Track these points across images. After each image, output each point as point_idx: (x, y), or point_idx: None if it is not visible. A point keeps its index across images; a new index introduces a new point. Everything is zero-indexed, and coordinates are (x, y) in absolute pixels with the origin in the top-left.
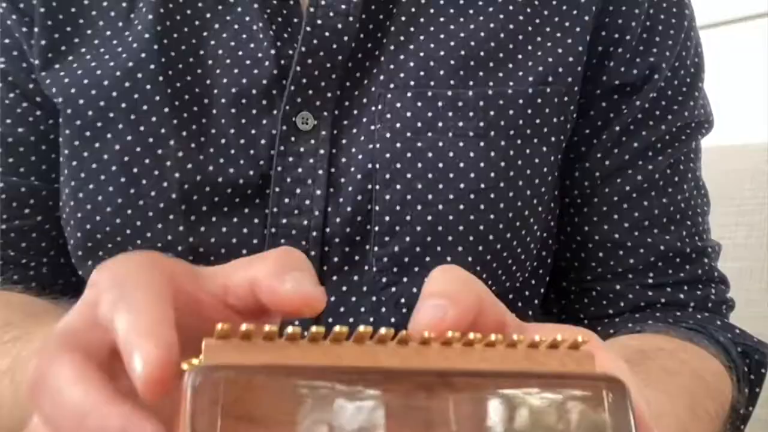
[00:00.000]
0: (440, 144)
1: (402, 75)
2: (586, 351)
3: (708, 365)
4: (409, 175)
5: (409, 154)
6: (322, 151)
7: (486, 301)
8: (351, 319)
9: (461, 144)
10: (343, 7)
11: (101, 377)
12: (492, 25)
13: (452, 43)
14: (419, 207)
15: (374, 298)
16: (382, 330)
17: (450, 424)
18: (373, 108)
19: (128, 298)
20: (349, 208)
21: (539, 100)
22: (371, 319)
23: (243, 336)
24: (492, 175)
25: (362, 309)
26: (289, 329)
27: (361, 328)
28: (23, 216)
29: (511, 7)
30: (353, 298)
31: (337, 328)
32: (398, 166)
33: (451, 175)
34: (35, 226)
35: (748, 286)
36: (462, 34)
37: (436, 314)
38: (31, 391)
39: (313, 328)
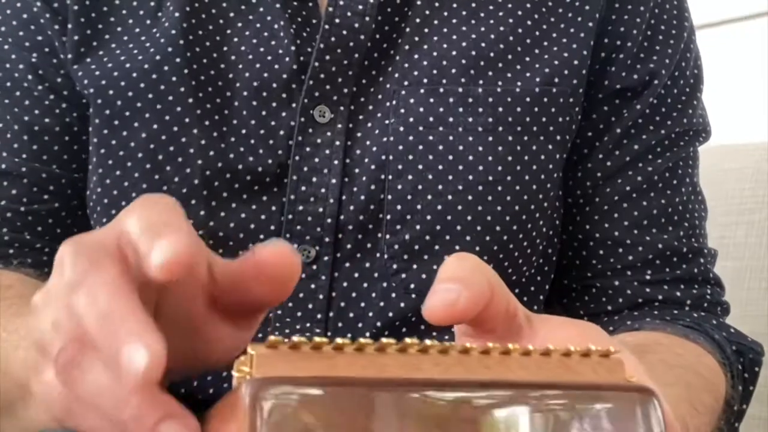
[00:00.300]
0: (451, 138)
1: (415, 72)
2: (616, 359)
3: (704, 361)
4: (420, 167)
5: (420, 147)
6: (337, 143)
7: (497, 288)
8: (362, 304)
9: (470, 138)
10: (360, 7)
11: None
12: (502, 29)
13: (464, 44)
14: (429, 197)
15: (385, 284)
16: (427, 341)
17: None
18: (388, 103)
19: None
20: (362, 197)
21: (545, 99)
22: (381, 304)
23: (292, 346)
24: (499, 168)
25: (373, 294)
26: (337, 340)
27: (407, 339)
28: (42, 201)
29: (519, 12)
30: (365, 284)
31: (383, 340)
32: (410, 157)
33: (461, 167)
34: (52, 211)
35: (748, 285)
36: (473, 36)
37: (450, 297)
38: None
39: (361, 339)
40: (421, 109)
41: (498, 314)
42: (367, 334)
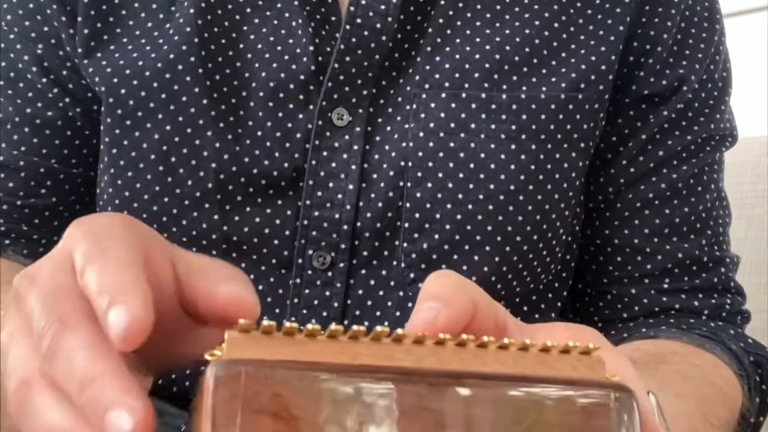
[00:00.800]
0: (472, 145)
1: (437, 76)
2: (597, 356)
3: (720, 372)
4: (440, 174)
5: (441, 154)
6: (355, 147)
7: (481, 303)
8: (378, 313)
9: (493, 146)
10: (383, 7)
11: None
12: (527, 31)
13: (487, 47)
14: (449, 206)
15: (401, 293)
16: (399, 330)
17: (460, 425)
18: (408, 107)
19: (103, 253)
20: (380, 204)
21: (571, 106)
22: (397, 314)
23: (264, 331)
24: (522, 177)
25: (389, 303)
26: (309, 326)
27: (378, 327)
28: (39, 195)
29: (546, 14)
30: (381, 292)
31: (354, 327)
32: (430, 164)
33: (482, 176)
34: (50, 205)
35: (748, 279)
36: (497, 39)
37: (429, 316)
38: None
39: (332, 326)
40: (442, 115)
41: (485, 329)
42: None
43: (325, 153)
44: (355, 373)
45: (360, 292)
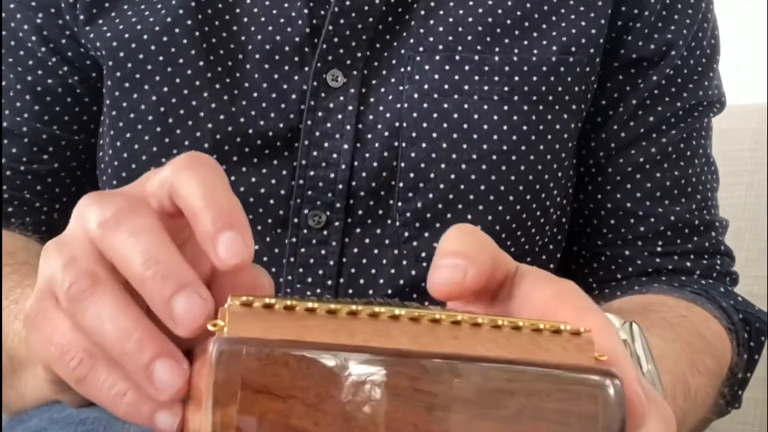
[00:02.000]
0: (465, 106)
1: (431, 39)
2: (587, 337)
3: (708, 325)
4: (434, 135)
5: (435, 115)
6: (350, 108)
7: (499, 261)
8: (373, 271)
9: (485, 107)
10: None
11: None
12: None
13: (480, 10)
14: (443, 165)
15: (396, 251)
16: (396, 310)
17: (451, 407)
18: (402, 69)
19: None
20: (374, 164)
21: (562, 69)
22: (392, 271)
23: (265, 305)
24: (514, 137)
25: (384, 261)
26: (309, 303)
27: (377, 308)
28: (42, 161)
29: None
30: (376, 251)
31: (353, 306)
32: (424, 125)
33: (475, 136)
34: (52, 171)
35: (747, 245)
36: (490, 2)
37: (457, 275)
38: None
39: (332, 305)
40: (436, 76)
41: (495, 284)
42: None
43: (320, 113)
44: (351, 355)
45: (355, 250)
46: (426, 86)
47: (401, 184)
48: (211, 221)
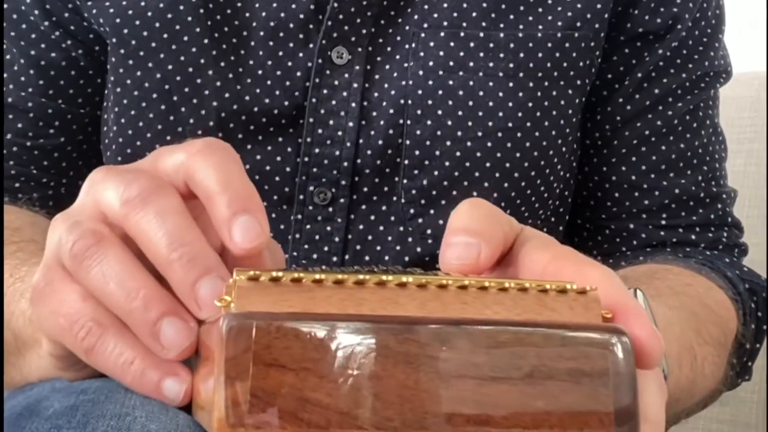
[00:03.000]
0: (471, 83)
1: (435, 15)
2: (593, 296)
3: (713, 294)
4: (439, 112)
5: (440, 92)
6: (355, 85)
7: (509, 234)
8: (378, 248)
9: (491, 84)
10: None
11: None
12: None
13: None
14: (448, 143)
15: (401, 228)
16: (403, 278)
17: (462, 372)
18: (407, 46)
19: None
20: (380, 141)
21: (567, 44)
22: (397, 248)
23: (272, 278)
24: (519, 114)
25: (389, 238)
26: (316, 275)
27: (384, 276)
28: (48, 135)
29: None
30: (381, 227)
31: (360, 276)
32: (430, 102)
33: (481, 114)
34: (58, 146)
35: (747, 213)
36: None
37: (471, 254)
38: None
39: (339, 275)
40: (441, 53)
41: (503, 253)
42: None
43: (325, 91)
44: (361, 325)
45: (360, 227)
46: (431, 63)
47: (406, 162)
48: (226, 205)
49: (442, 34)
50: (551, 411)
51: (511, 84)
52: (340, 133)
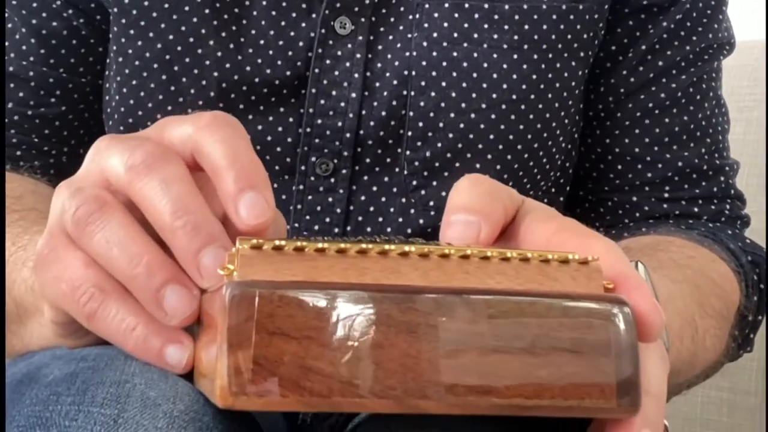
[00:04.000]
0: (475, 55)
1: None
2: (595, 266)
3: (716, 266)
4: (443, 84)
5: (444, 63)
6: (358, 56)
7: (509, 207)
8: (380, 219)
9: (495, 55)
10: None
11: None
12: None
13: None
14: (452, 114)
15: (403, 200)
16: (405, 247)
17: (464, 342)
18: (411, 17)
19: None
20: (383, 112)
21: (571, 17)
22: (399, 220)
23: (274, 247)
24: (523, 86)
25: (391, 209)
26: (318, 244)
27: (386, 245)
28: (49, 104)
29: None
30: (383, 199)
31: (362, 245)
32: (434, 74)
33: (485, 85)
34: (59, 115)
35: (746, 181)
36: None
37: (471, 233)
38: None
39: (341, 244)
40: (446, 24)
41: (505, 226)
42: None
43: (327, 61)
44: (364, 294)
45: (362, 198)
46: (435, 34)
47: (410, 133)
48: (233, 180)
49: (447, 5)
50: (553, 381)
51: (515, 56)
52: (342, 104)
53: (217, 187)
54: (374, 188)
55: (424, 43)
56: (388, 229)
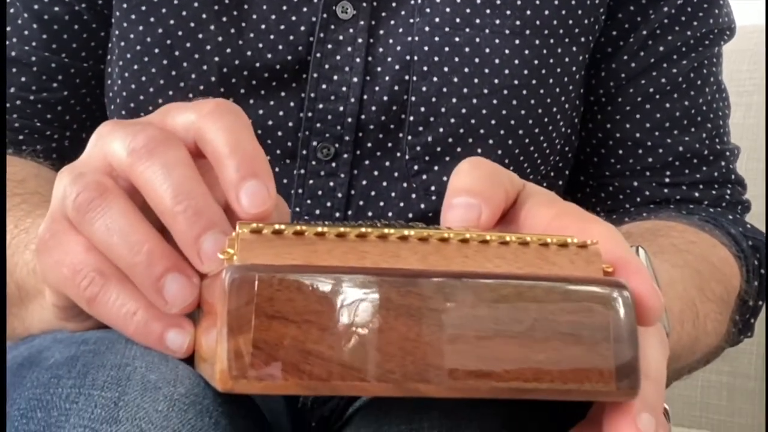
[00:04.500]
0: (477, 40)
1: None
2: (594, 250)
3: (716, 251)
4: (445, 69)
5: (446, 48)
6: (360, 40)
7: (510, 191)
8: (381, 203)
9: (497, 41)
10: None
11: None
12: None
13: None
14: (454, 100)
15: (405, 185)
16: (405, 231)
17: (464, 326)
18: (412, 1)
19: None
20: (384, 97)
21: (573, 2)
22: (401, 204)
23: (274, 231)
24: (525, 72)
25: (392, 194)
26: (319, 228)
27: (386, 229)
28: (51, 89)
29: None
30: (384, 183)
31: (362, 229)
32: (436, 59)
33: (486, 71)
34: (61, 99)
35: (745, 166)
36: None
37: (471, 216)
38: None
39: (341, 228)
40: (448, 10)
41: (505, 210)
42: None
43: (329, 46)
44: (364, 278)
45: (364, 182)
46: (437, 19)
47: (411, 118)
48: (235, 169)
49: None
50: (552, 365)
51: (517, 41)
52: (344, 88)
53: (219, 175)
54: (375, 173)
55: (426, 28)
56: (390, 214)
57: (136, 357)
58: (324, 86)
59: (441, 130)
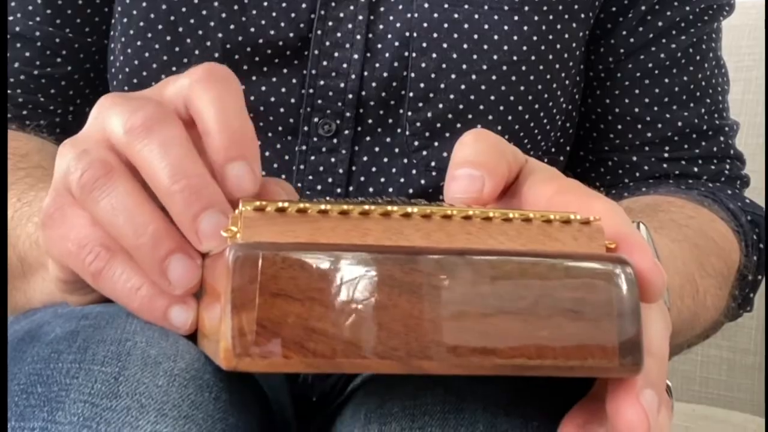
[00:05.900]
0: (476, 16)
1: None
2: (596, 226)
3: (715, 226)
4: (445, 45)
5: (446, 25)
6: (360, 17)
7: (512, 164)
8: (382, 179)
9: (496, 17)
10: None
11: None
12: None
13: None
14: (453, 76)
15: (405, 160)
16: (408, 208)
17: (467, 302)
18: None
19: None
20: (385, 74)
21: None
22: (401, 180)
23: (278, 209)
24: (524, 48)
25: (393, 170)
26: (322, 206)
27: (389, 207)
28: (55, 64)
29: None
30: (385, 159)
31: (365, 206)
32: (435, 35)
33: (486, 47)
34: (65, 74)
35: (745, 141)
36: None
37: (475, 187)
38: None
39: (344, 205)
40: None
41: (507, 185)
42: None
43: (330, 23)
44: (367, 255)
45: (365, 158)
46: None
47: (411, 94)
48: (224, 148)
49: None
50: (555, 341)
51: (516, 17)
52: (345, 65)
53: (207, 150)
54: (376, 149)
55: (426, 5)
56: (390, 190)
57: (136, 332)
58: (325, 63)
59: (440, 106)
